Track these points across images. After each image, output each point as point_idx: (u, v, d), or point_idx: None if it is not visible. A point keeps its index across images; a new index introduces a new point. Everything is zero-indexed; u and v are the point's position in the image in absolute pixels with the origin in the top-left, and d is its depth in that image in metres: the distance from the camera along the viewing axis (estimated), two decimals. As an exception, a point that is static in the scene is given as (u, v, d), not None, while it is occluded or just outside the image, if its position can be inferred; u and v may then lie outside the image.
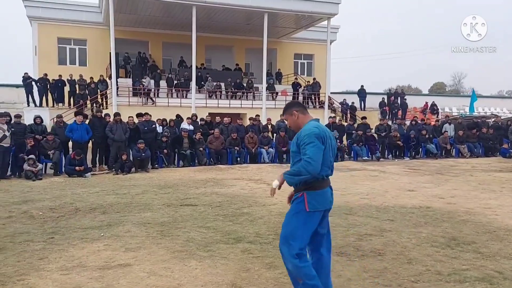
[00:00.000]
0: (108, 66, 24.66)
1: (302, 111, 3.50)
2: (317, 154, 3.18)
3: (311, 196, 3.27)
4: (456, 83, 77.67)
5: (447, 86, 75.49)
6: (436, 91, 63.45)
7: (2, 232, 5.71)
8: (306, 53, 30.00)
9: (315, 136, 3.21)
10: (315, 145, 3.19)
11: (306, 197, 3.27)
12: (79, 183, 10.03)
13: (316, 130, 3.25)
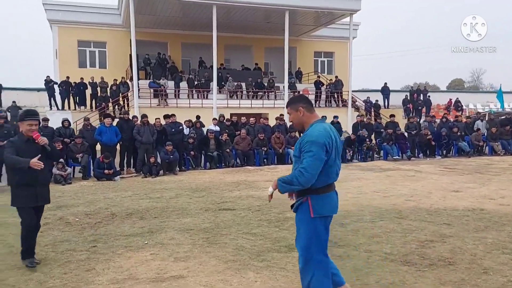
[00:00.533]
0: (128, 68, 24.60)
1: (309, 109, 3.23)
2: (314, 166, 2.97)
3: (315, 201, 3.07)
4: (475, 79, 76.34)
5: (465, 82, 74.23)
6: (454, 88, 62.37)
7: (41, 240, 5.47)
8: (326, 51, 29.55)
9: (318, 145, 2.98)
10: (315, 156, 2.97)
11: (310, 203, 3.07)
12: (109, 187, 9.84)
13: (322, 137, 3.01)
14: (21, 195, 4.45)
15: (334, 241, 5.14)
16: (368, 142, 15.12)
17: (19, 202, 4.50)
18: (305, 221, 3.12)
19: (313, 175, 2.97)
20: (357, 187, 9.20)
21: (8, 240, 5.54)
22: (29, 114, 4.51)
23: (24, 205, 4.49)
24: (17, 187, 4.47)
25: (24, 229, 4.57)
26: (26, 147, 4.41)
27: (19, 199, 4.48)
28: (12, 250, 5.08)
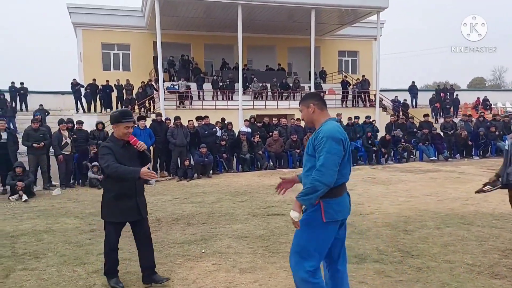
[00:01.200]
0: (152, 70, 24.53)
1: (321, 106, 3.10)
2: (333, 161, 2.80)
3: (328, 205, 2.88)
4: (497, 78, 74.78)
5: (487, 81, 72.77)
6: (475, 87, 61.12)
7: (93, 248, 5.25)
8: (350, 50, 29.05)
9: (335, 140, 2.83)
10: (333, 151, 2.80)
11: (322, 206, 2.88)
12: (146, 191, 9.51)
13: (337, 133, 2.88)
14: (118, 208, 3.87)
15: (406, 250, 4.80)
16: (404, 143, 14.64)
17: (114, 216, 3.94)
18: (314, 224, 2.92)
19: (334, 171, 2.80)
20: (405, 190, 8.80)
21: (58, 248, 5.31)
22: (125, 115, 3.88)
23: (119, 220, 3.98)
24: (117, 198, 3.87)
25: (107, 245, 4.08)
26: (123, 152, 3.86)
27: (115, 212, 3.91)
28: (65, 259, 4.85)
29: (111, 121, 3.90)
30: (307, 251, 2.92)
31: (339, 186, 2.92)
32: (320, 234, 2.92)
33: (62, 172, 10.14)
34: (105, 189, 4.03)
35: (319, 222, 2.90)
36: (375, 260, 4.52)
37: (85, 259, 4.85)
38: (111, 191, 3.91)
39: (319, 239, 2.93)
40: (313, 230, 2.92)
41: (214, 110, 20.15)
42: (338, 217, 2.94)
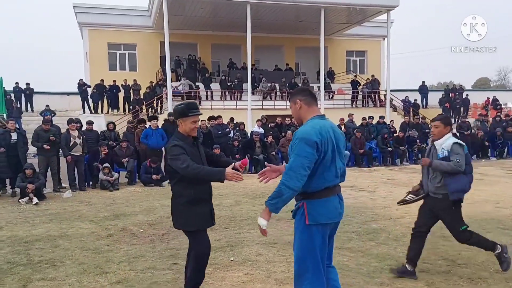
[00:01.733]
0: (158, 70, 24.24)
1: (308, 102, 2.91)
2: (301, 165, 2.63)
3: (312, 206, 2.73)
4: (502, 78, 74.30)
5: (491, 81, 72.29)
6: (480, 87, 60.72)
7: (113, 255, 4.93)
8: (358, 50, 28.71)
9: (306, 142, 2.66)
10: (303, 153, 2.65)
11: (305, 207, 2.73)
12: (160, 193, 9.30)
13: (312, 134, 2.68)
14: (198, 214, 3.36)
15: (450, 258, 4.47)
16: (419, 143, 14.29)
17: (196, 224, 3.38)
18: (300, 228, 2.78)
19: (302, 175, 2.63)
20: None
21: (76, 255, 4.99)
22: (192, 108, 3.37)
23: (202, 227, 3.44)
24: (194, 203, 3.34)
25: (200, 258, 3.47)
26: (194, 151, 3.39)
27: (197, 219, 3.36)
28: (85, 268, 4.54)
29: (176, 116, 3.39)
30: (302, 261, 2.78)
31: (324, 189, 2.75)
32: (307, 237, 2.75)
33: (71, 173, 9.83)
34: (176, 194, 3.40)
35: (303, 225, 2.75)
36: (421, 270, 4.19)
37: (106, 267, 4.54)
38: (184, 196, 3.33)
39: (303, 244, 2.77)
40: (301, 235, 2.78)
41: (222, 110, 19.80)
42: (322, 220, 2.74)
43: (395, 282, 3.90)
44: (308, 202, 2.76)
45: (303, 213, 2.76)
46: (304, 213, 2.74)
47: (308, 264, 2.77)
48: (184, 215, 3.36)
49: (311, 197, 2.75)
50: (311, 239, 2.76)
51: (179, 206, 3.37)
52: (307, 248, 2.77)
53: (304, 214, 2.75)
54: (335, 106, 21.51)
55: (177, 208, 3.41)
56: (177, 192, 3.40)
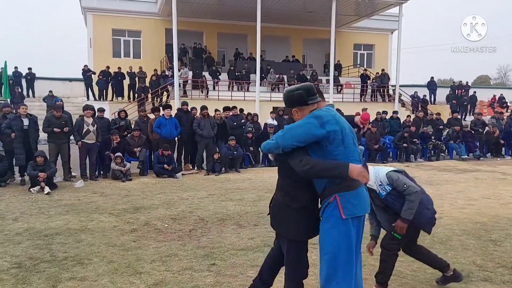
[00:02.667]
0: (163, 58, 23.78)
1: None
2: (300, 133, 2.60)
3: (345, 198, 2.61)
4: (502, 76, 74.15)
5: (492, 79, 72.13)
6: (480, 84, 60.56)
7: (143, 253, 4.59)
8: (366, 43, 28.32)
9: (317, 118, 2.62)
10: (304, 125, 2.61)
11: (339, 201, 2.61)
12: (175, 185, 8.95)
13: (325, 114, 2.64)
14: (310, 222, 2.81)
15: (509, 266, 4.17)
16: (434, 140, 13.98)
17: (305, 234, 2.85)
18: (334, 224, 2.63)
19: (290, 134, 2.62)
20: (458, 191, 8.17)
21: (102, 252, 4.65)
22: (312, 94, 2.76)
23: (309, 237, 2.89)
24: (308, 210, 2.80)
25: (300, 276, 2.93)
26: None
27: (309, 228, 2.82)
28: (115, 267, 4.20)
29: (291, 104, 2.78)
30: (334, 259, 2.64)
31: (351, 181, 2.61)
32: (344, 232, 2.62)
33: (83, 162, 9.45)
34: (289, 197, 2.81)
35: (338, 220, 2.62)
36: (483, 279, 3.88)
37: (138, 267, 4.20)
38: (301, 200, 2.79)
39: (338, 241, 2.62)
40: (337, 231, 2.63)
41: (230, 101, 19.41)
42: (358, 211, 2.65)
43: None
44: (341, 195, 2.62)
45: (335, 207, 2.62)
46: (338, 207, 2.61)
47: (340, 262, 2.63)
48: (298, 222, 2.80)
49: (343, 189, 2.62)
50: (347, 234, 2.63)
51: (293, 212, 2.79)
52: (344, 245, 2.63)
53: (337, 208, 2.61)
54: (344, 100, 21.16)
55: (290, 213, 2.81)
56: (292, 194, 2.81)
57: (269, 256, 3.21)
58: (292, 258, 2.88)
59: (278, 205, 2.89)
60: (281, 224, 2.89)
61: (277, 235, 3.05)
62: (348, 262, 2.65)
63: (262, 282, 3.21)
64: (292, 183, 2.81)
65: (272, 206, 2.96)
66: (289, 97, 2.80)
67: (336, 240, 2.63)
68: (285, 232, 2.88)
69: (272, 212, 2.96)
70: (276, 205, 2.91)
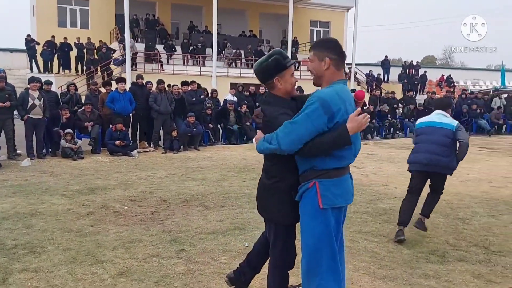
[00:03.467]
0: (113, 29, 22.57)
1: (337, 64, 2.42)
2: (302, 125, 2.25)
3: (325, 187, 2.36)
4: (447, 57, 77.28)
5: (437, 60, 74.99)
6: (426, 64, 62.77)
7: (103, 239, 4.22)
8: (322, 20, 28.22)
9: (323, 105, 2.25)
10: (311, 116, 2.25)
11: (318, 188, 2.36)
12: (131, 164, 8.49)
13: (334, 100, 2.28)
14: (293, 204, 2.52)
15: (480, 244, 4.21)
16: (390, 118, 14.22)
17: (294, 217, 2.56)
18: (312, 213, 2.39)
19: (296, 136, 2.26)
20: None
21: (57, 238, 4.23)
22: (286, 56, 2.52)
23: (297, 220, 2.58)
24: (292, 189, 2.53)
25: (286, 266, 2.70)
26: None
27: (295, 211, 2.52)
28: (73, 255, 3.82)
29: (270, 74, 2.46)
30: (315, 251, 2.41)
31: (341, 168, 2.40)
32: (322, 223, 2.38)
33: (29, 139, 8.72)
34: (275, 176, 2.54)
35: (316, 209, 2.37)
36: (459, 258, 3.85)
37: (99, 255, 3.84)
38: (287, 179, 2.53)
39: (316, 232, 2.39)
40: (314, 221, 2.39)
41: (185, 76, 18.78)
42: (338, 202, 2.40)
43: (439, 274, 3.52)
44: (321, 182, 2.36)
45: (314, 195, 2.37)
46: (317, 195, 2.36)
47: (322, 254, 2.40)
48: (286, 205, 2.53)
49: (324, 176, 2.36)
50: (326, 224, 2.38)
51: (281, 193, 2.53)
52: (323, 236, 2.39)
53: (316, 196, 2.36)
54: (301, 77, 21.03)
55: (277, 195, 2.54)
56: (278, 174, 2.54)
57: (259, 242, 2.95)
58: (278, 245, 2.63)
59: (264, 187, 2.63)
60: (267, 208, 2.62)
61: (265, 222, 2.79)
62: (332, 254, 2.42)
63: (250, 267, 2.96)
64: (278, 163, 2.53)
65: (258, 190, 2.70)
66: (265, 67, 2.49)
67: (316, 232, 2.40)
68: (272, 217, 2.61)
69: (257, 196, 2.70)
70: (262, 187, 2.65)
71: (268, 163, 2.61)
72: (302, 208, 2.46)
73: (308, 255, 2.44)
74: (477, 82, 32.35)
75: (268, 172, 2.60)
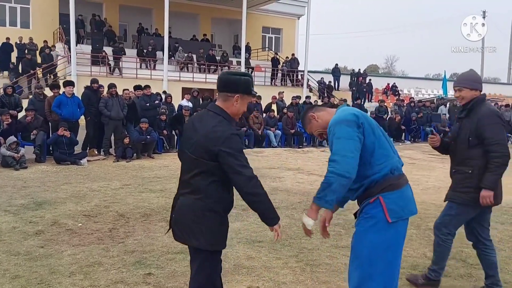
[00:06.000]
0: (57, 30, 21.37)
1: (319, 109, 2.59)
2: (345, 145, 2.25)
3: (390, 200, 2.31)
4: (389, 66, 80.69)
5: (380, 68, 78.08)
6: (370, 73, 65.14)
7: (57, 263, 3.74)
8: (274, 27, 28.33)
9: (343, 122, 2.30)
10: (344, 134, 2.27)
11: (383, 202, 2.31)
12: (81, 174, 7.88)
13: (345, 114, 2.35)
14: (227, 227, 2.41)
15: (457, 257, 4.13)
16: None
17: (223, 242, 2.40)
18: (378, 229, 2.32)
19: (349, 157, 2.22)
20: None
21: (3, 264, 3.70)
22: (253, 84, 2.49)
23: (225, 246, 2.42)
24: (227, 213, 2.40)
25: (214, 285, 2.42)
26: None
27: (224, 236, 2.39)
28: (23, 284, 3.33)
29: (235, 88, 2.30)
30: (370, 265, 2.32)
31: (398, 175, 2.38)
32: (392, 238, 2.32)
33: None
34: (210, 196, 2.29)
35: (383, 224, 2.30)
36: (440, 273, 3.74)
37: (54, 283, 3.37)
38: (222, 202, 2.33)
39: (394, 245, 2.34)
40: (381, 237, 2.31)
41: (135, 79, 18.10)
42: (405, 214, 2.36)
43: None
44: (385, 196, 2.31)
45: (380, 211, 2.30)
46: (383, 209, 2.29)
47: (376, 270, 2.31)
48: (219, 229, 2.34)
49: (388, 188, 2.32)
50: (397, 239, 2.34)
51: (214, 215, 2.30)
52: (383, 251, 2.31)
53: (382, 211, 2.29)
54: (255, 83, 20.93)
55: (211, 219, 2.30)
56: (213, 194, 2.29)
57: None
58: (209, 272, 2.36)
59: (194, 210, 2.29)
60: (198, 233, 2.29)
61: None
62: (387, 271, 2.33)
63: None
64: (215, 182, 2.27)
65: (181, 214, 2.34)
66: (235, 80, 2.33)
67: (374, 244, 2.31)
68: (204, 243, 2.30)
69: (181, 221, 2.34)
70: (190, 211, 2.30)
71: (201, 181, 2.28)
72: (362, 221, 2.39)
73: (361, 268, 2.35)
74: (420, 91, 33.79)
75: (199, 191, 2.28)
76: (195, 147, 2.26)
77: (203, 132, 2.24)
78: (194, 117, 2.52)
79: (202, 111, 2.47)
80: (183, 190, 2.36)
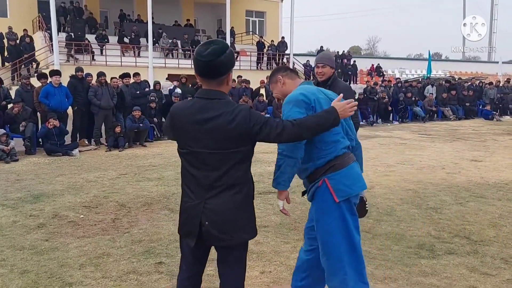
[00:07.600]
0: (36, 18, 20.81)
1: (290, 76, 2.63)
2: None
3: (335, 180, 2.36)
4: (371, 47, 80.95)
5: (362, 50, 78.27)
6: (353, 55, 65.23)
7: (65, 256, 3.69)
8: (257, 10, 28.04)
9: (292, 102, 2.36)
10: (291, 113, 2.31)
11: (329, 184, 2.37)
12: (74, 165, 7.76)
13: (297, 95, 2.38)
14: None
15: (461, 235, 4.21)
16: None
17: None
18: (326, 209, 2.39)
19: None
20: (373, 158, 8.32)
21: (9, 258, 3.65)
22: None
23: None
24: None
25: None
26: None
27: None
28: (34, 279, 3.29)
29: (227, 66, 2.04)
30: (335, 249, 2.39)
31: (342, 155, 2.39)
32: (340, 218, 2.37)
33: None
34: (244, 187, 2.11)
35: (332, 205, 2.36)
36: (447, 251, 3.81)
37: (65, 276, 3.34)
38: (252, 185, 2.18)
39: (334, 228, 2.38)
40: (331, 217, 2.38)
41: (120, 67, 17.79)
42: (353, 190, 2.39)
43: (436, 270, 3.44)
44: (329, 177, 2.36)
45: (327, 192, 2.36)
46: (329, 190, 2.35)
47: (342, 251, 2.37)
48: (253, 217, 2.19)
49: (331, 170, 2.36)
50: (343, 218, 2.36)
51: (251, 201, 2.17)
52: (342, 231, 2.37)
53: (329, 193, 2.35)
54: (241, 68, 20.78)
55: (249, 205, 2.15)
56: (247, 181, 2.13)
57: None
58: (243, 265, 2.24)
59: (236, 206, 2.08)
60: (246, 226, 2.14)
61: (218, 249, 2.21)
62: (354, 249, 2.39)
63: None
64: (247, 167, 2.13)
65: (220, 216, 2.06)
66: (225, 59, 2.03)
67: (333, 228, 2.38)
68: (252, 233, 2.19)
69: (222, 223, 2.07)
70: (232, 209, 2.07)
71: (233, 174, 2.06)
72: (316, 207, 2.45)
73: (328, 254, 2.42)
74: (404, 71, 34.03)
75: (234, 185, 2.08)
76: (221, 141, 2.01)
77: (224, 123, 2.00)
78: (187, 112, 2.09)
79: (192, 102, 2.12)
80: (210, 192, 2.06)
